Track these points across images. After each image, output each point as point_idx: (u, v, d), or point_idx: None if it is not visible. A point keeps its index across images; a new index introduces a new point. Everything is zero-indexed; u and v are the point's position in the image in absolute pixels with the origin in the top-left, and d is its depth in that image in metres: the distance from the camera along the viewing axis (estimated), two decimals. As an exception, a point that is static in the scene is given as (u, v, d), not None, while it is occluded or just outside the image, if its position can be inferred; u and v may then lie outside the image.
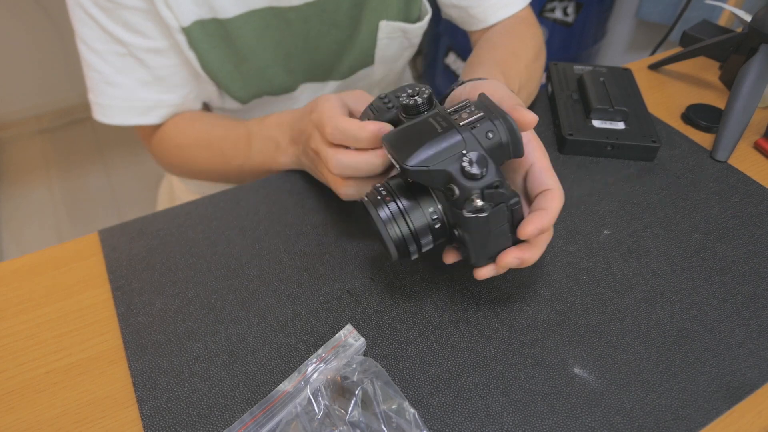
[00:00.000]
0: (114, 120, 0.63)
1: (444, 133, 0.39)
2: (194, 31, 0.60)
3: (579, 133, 0.62)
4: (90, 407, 0.41)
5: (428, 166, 0.38)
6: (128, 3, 0.56)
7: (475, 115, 0.39)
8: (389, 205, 0.41)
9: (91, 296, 0.48)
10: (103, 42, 0.59)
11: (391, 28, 0.69)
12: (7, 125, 2.07)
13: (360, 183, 0.46)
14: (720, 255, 0.52)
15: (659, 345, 0.44)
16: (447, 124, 0.39)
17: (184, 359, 0.43)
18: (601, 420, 0.40)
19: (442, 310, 0.46)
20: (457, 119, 0.40)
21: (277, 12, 0.63)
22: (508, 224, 0.40)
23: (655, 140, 0.61)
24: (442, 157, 0.38)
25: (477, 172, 0.37)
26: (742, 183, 0.59)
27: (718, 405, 0.41)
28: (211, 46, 0.62)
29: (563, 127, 0.62)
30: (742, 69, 0.65)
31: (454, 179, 0.38)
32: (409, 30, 0.71)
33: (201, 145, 0.65)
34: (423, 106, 0.42)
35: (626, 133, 0.62)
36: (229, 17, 0.61)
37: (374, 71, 0.74)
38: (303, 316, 0.46)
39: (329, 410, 0.38)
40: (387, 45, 0.71)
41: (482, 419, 0.40)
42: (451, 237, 0.42)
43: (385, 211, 0.41)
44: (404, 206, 0.41)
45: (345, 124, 0.44)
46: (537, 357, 0.43)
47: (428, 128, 0.39)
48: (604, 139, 0.61)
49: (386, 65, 0.74)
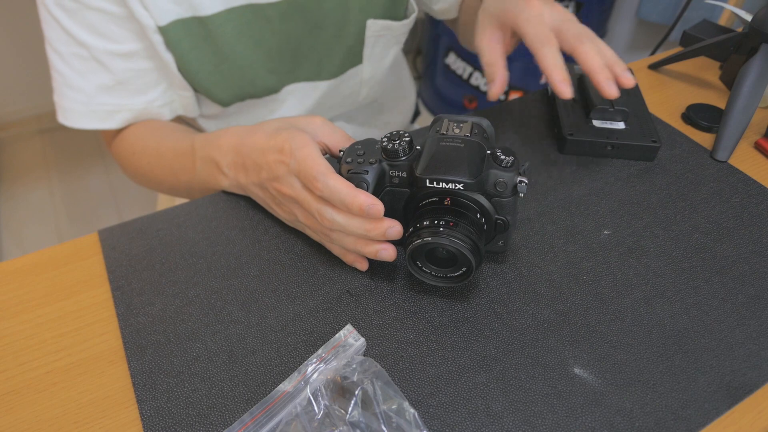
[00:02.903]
0: (75, 123, 0.62)
1: (466, 146, 0.44)
2: (173, 31, 0.59)
3: (579, 133, 0.61)
4: (90, 407, 0.41)
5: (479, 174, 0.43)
6: (94, 4, 0.56)
7: (464, 124, 0.46)
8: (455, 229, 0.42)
9: (91, 296, 0.48)
10: (65, 44, 0.58)
11: (378, 26, 0.69)
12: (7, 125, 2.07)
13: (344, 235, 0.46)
14: (720, 255, 0.52)
15: (659, 345, 0.44)
16: (460, 140, 0.44)
17: (184, 359, 0.43)
18: (601, 420, 0.40)
19: (442, 310, 0.46)
20: (458, 133, 0.45)
21: (256, 9, 0.62)
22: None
23: (656, 140, 0.61)
24: (481, 163, 0.44)
25: (509, 159, 0.44)
26: (742, 183, 0.59)
27: (718, 405, 0.41)
28: (191, 46, 0.61)
29: (563, 126, 0.62)
30: (742, 69, 0.65)
31: (498, 175, 0.43)
32: (395, 27, 0.71)
33: (153, 154, 0.63)
34: (404, 152, 0.45)
35: (626, 133, 0.61)
36: (208, 14, 0.60)
37: (363, 70, 0.74)
38: (303, 316, 0.46)
39: (329, 410, 0.38)
40: (374, 43, 0.71)
41: (482, 419, 0.40)
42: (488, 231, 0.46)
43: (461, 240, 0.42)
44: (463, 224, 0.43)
45: (337, 184, 0.43)
46: (537, 357, 0.43)
47: (452, 148, 0.44)
48: (604, 139, 0.61)
49: (374, 63, 0.74)
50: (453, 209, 0.44)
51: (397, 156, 0.45)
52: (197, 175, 0.57)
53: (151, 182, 0.67)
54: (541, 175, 0.60)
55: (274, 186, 0.48)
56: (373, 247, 0.45)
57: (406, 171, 0.45)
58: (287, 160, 0.46)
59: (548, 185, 0.59)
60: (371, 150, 0.46)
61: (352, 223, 0.44)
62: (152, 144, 0.63)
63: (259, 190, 0.51)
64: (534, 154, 0.62)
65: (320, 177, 0.43)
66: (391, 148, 0.45)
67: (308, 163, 0.44)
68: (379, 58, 0.75)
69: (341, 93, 0.76)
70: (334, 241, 0.47)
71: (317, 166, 0.44)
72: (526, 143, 0.64)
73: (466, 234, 0.42)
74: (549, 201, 0.57)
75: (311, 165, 0.44)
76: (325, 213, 0.44)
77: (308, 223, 0.48)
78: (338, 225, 0.44)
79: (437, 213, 0.43)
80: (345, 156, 0.46)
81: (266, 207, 0.53)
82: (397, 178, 0.46)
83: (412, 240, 0.43)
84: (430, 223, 0.42)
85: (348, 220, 0.44)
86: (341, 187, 0.43)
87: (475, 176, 0.43)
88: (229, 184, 0.54)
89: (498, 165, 0.44)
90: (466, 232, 0.42)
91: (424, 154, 0.45)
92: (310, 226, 0.48)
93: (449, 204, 0.44)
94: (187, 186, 0.61)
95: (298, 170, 0.45)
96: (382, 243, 0.45)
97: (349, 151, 0.46)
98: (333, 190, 0.43)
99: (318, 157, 0.45)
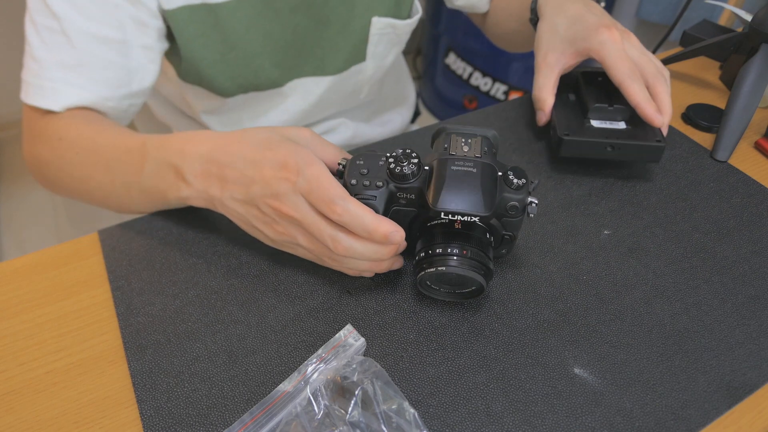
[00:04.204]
0: (25, 98, 0.56)
1: (479, 171, 0.43)
2: (180, 16, 0.58)
3: (576, 133, 0.58)
4: (90, 407, 0.41)
5: (495, 205, 0.42)
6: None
7: (473, 139, 0.46)
8: (468, 257, 0.42)
9: (91, 296, 0.48)
10: (41, 14, 0.54)
11: (382, 24, 0.70)
12: (7, 125, 2.07)
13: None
14: (720, 255, 0.52)
15: (659, 345, 0.44)
16: (472, 164, 0.43)
17: (184, 359, 0.43)
18: (601, 420, 0.40)
19: (442, 310, 0.46)
20: (468, 152, 0.44)
21: (267, 0, 0.62)
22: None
23: (660, 139, 0.57)
24: (495, 190, 0.43)
25: (521, 182, 0.43)
26: (742, 183, 0.59)
27: (718, 405, 0.41)
28: (197, 33, 0.60)
29: (559, 127, 0.59)
30: (742, 69, 0.65)
31: (510, 198, 0.43)
32: (399, 26, 0.71)
33: (88, 146, 0.53)
34: (413, 175, 0.43)
35: (628, 133, 0.58)
36: (219, 2, 0.59)
37: (366, 67, 0.74)
38: (303, 316, 0.46)
39: (329, 410, 0.38)
40: (378, 41, 0.71)
41: (482, 419, 0.40)
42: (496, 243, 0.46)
43: (475, 269, 0.42)
44: (476, 249, 0.43)
45: (358, 210, 0.40)
46: (537, 357, 0.43)
47: (464, 173, 0.43)
48: (603, 139, 0.57)
49: (377, 62, 0.75)
50: (463, 233, 0.43)
51: (405, 179, 0.43)
52: (144, 179, 0.49)
53: (71, 182, 0.55)
54: (541, 175, 0.60)
55: (269, 203, 0.43)
56: (385, 264, 0.45)
57: (414, 194, 0.44)
58: (293, 177, 0.42)
59: (548, 185, 0.59)
60: (375, 168, 0.44)
61: (370, 249, 0.42)
62: (89, 134, 0.54)
63: (240, 206, 0.45)
64: (533, 155, 0.62)
65: (339, 201, 0.40)
66: (399, 172, 0.43)
67: (323, 184, 0.41)
68: (382, 57, 0.75)
69: (343, 90, 0.76)
70: (343, 264, 0.45)
71: (333, 188, 0.41)
72: (524, 144, 0.64)
73: (477, 259, 0.42)
74: (549, 201, 0.57)
75: (327, 186, 0.41)
76: (341, 240, 0.42)
77: (312, 247, 0.44)
78: (356, 253, 0.42)
79: (448, 238, 0.43)
80: (348, 176, 0.44)
81: (244, 225, 0.47)
82: (404, 199, 0.44)
83: (424, 267, 0.42)
84: (443, 251, 0.42)
85: (367, 247, 0.42)
86: (363, 213, 0.40)
87: (491, 208, 0.42)
88: (189, 195, 0.47)
89: (509, 187, 0.43)
90: (478, 257, 0.42)
91: (435, 179, 0.43)
92: (312, 250, 0.45)
93: (459, 227, 0.43)
94: (123, 191, 0.52)
95: (309, 190, 0.41)
96: (392, 257, 0.45)
97: (351, 170, 0.44)
98: (354, 216, 0.40)
99: (331, 177, 0.42)
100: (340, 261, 0.44)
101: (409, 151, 0.44)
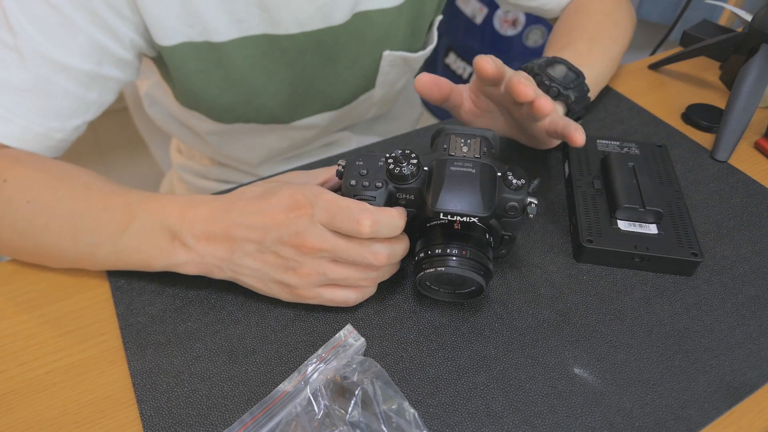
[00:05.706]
0: None
1: (478, 171, 0.42)
2: (180, 52, 0.56)
3: (601, 239, 0.50)
4: (90, 407, 0.41)
5: (494, 205, 0.42)
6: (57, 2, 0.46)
7: (473, 140, 0.45)
8: (467, 258, 0.42)
9: (91, 296, 0.48)
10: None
11: (394, 57, 0.68)
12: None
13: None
14: (720, 255, 0.52)
15: (659, 345, 0.44)
16: (471, 164, 0.43)
17: (184, 359, 0.43)
18: (601, 420, 0.40)
19: (442, 310, 0.46)
20: (467, 153, 0.44)
21: (273, 40, 0.59)
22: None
23: (696, 252, 0.49)
24: (494, 190, 0.43)
25: (520, 182, 0.43)
26: (742, 183, 0.59)
27: (718, 405, 0.41)
28: (198, 69, 0.58)
29: (581, 229, 0.50)
30: (742, 69, 0.65)
31: (509, 199, 0.43)
32: (411, 58, 0.70)
33: (41, 195, 0.46)
34: (412, 176, 0.43)
35: (660, 241, 0.50)
36: (222, 41, 0.57)
37: (374, 94, 0.73)
38: (303, 316, 0.46)
39: (329, 410, 0.38)
40: (388, 71, 0.70)
41: (482, 419, 0.40)
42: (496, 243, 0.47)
43: (474, 269, 0.42)
44: (476, 248, 0.43)
45: (383, 214, 0.40)
46: (537, 357, 0.43)
47: (463, 174, 0.42)
48: (632, 249, 0.49)
49: (386, 88, 0.73)
50: (463, 233, 0.43)
51: (404, 180, 0.43)
52: (123, 240, 0.44)
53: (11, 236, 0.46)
54: (541, 174, 0.60)
55: (292, 243, 0.41)
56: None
57: (414, 194, 0.43)
58: (308, 211, 0.40)
59: (548, 185, 0.58)
60: (374, 168, 0.44)
61: (402, 246, 0.43)
62: (47, 180, 0.46)
63: (254, 261, 0.42)
64: (533, 155, 0.62)
65: (364, 213, 0.39)
66: (398, 173, 0.43)
67: (341, 206, 0.40)
68: (392, 84, 0.73)
69: (351, 115, 0.75)
70: (377, 280, 0.45)
71: (352, 204, 0.40)
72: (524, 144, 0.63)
73: (477, 260, 0.42)
74: (549, 201, 0.57)
75: (346, 206, 0.40)
76: (380, 250, 0.41)
77: (347, 274, 0.42)
78: (397, 254, 0.43)
79: (447, 238, 0.43)
80: (347, 176, 0.44)
81: (260, 284, 0.44)
82: (404, 200, 0.44)
83: (424, 268, 0.43)
84: (442, 252, 0.42)
85: (402, 244, 0.43)
86: (389, 214, 0.41)
87: (490, 209, 0.41)
88: (186, 260, 0.43)
89: (509, 188, 0.43)
90: (477, 257, 0.42)
91: (434, 180, 0.43)
92: (347, 278, 0.43)
93: (459, 228, 0.43)
94: (86, 252, 0.45)
95: (331, 217, 0.40)
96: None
97: (350, 170, 0.44)
98: (383, 221, 0.40)
99: (341, 197, 0.41)
100: (376, 277, 0.44)
101: (409, 152, 0.44)
